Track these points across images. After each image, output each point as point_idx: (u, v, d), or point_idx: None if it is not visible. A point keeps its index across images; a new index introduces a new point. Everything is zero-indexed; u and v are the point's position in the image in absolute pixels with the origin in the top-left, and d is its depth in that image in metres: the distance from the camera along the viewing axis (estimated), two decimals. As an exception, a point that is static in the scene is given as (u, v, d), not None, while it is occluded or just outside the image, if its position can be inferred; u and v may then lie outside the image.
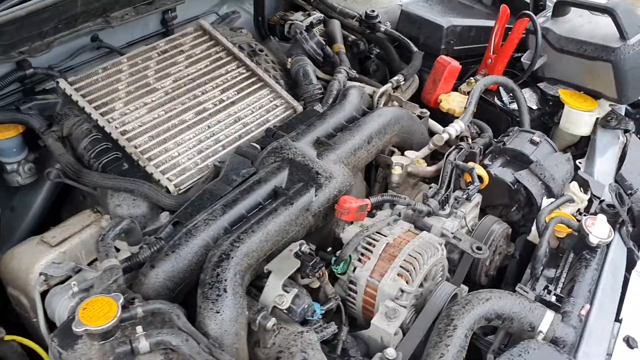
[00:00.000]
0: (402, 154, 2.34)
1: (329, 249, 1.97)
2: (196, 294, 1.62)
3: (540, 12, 2.87)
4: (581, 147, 2.70)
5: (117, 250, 1.77)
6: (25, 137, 2.17)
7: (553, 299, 1.89)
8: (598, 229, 1.98)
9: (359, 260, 1.87)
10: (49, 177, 2.13)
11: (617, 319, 1.92)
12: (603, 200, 2.24)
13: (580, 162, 2.52)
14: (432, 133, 2.50)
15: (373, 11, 2.96)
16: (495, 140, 2.47)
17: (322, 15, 2.99)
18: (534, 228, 2.13)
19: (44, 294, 1.80)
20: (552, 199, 2.19)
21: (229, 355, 1.48)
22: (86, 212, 2.04)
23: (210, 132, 2.24)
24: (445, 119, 2.59)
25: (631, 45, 2.48)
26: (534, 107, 2.81)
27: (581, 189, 2.30)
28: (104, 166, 2.03)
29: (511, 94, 2.76)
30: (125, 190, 1.93)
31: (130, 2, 2.36)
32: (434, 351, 1.63)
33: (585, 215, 2.09)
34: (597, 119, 2.65)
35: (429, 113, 2.55)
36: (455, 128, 2.40)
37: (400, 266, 1.81)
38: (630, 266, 2.13)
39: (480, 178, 2.20)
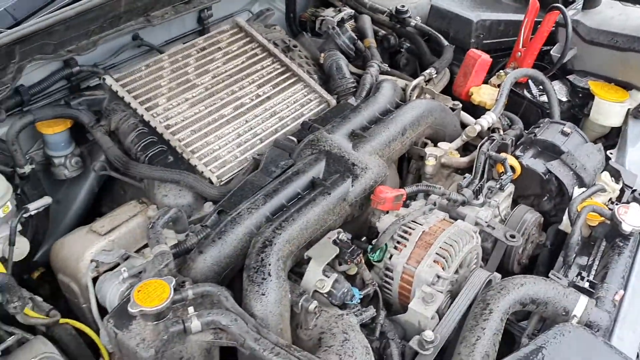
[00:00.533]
0: (436, 146, 2.39)
1: (364, 238, 2.04)
2: (240, 280, 1.71)
3: (570, 5, 2.90)
4: (612, 138, 2.73)
5: (164, 238, 1.85)
6: (72, 132, 2.26)
7: (586, 285, 1.93)
8: (631, 217, 2.01)
9: (395, 248, 1.92)
10: (95, 170, 2.24)
11: (652, 305, 1.95)
12: (635, 190, 2.27)
13: (611, 153, 2.55)
14: (464, 125, 2.54)
15: (403, 6, 3.01)
16: (526, 132, 2.50)
17: (353, 11, 3.05)
18: (565, 217, 2.17)
19: (94, 281, 1.89)
20: (584, 189, 2.22)
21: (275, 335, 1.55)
22: (132, 203, 2.13)
23: (248, 127, 2.32)
24: (477, 111, 2.63)
25: (665, 35, 2.50)
26: (564, 99, 2.83)
27: (613, 178, 2.32)
28: (151, 159, 2.12)
29: (541, 87, 2.79)
30: (172, 181, 2.03)
31: (170, 1, 2.45)
32: (470, 334, 1.68)
33: (617, 204, 2.12)
34: (629, 109, 2.67)
35: (461, 105, 2.59)
36: (487, 120, 2.44)
37: (437, 253, 1.86)
38: (664, 253, 2.15)
39: (512, 168, 2.24)
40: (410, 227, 1.95)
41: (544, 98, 2.75)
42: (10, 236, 1.89)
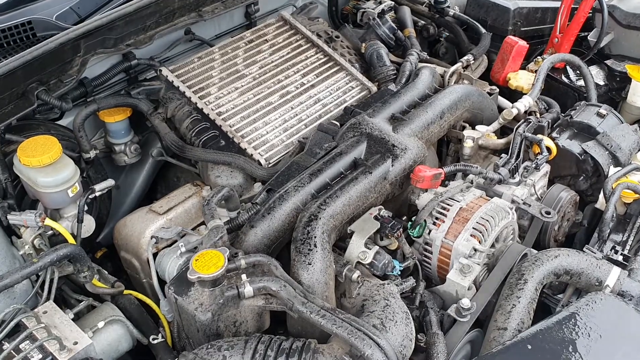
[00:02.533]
0: (473, 129, 2.47)
1: (404, 218, 2.14)
2: (287, 253, 1.84)
3: (606, -9, 2.93)
4: (650, 121, 2.76)
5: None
6: (130, 121, 2.42)
7: (620, 258, 1.99)
8: (665, 193, 2.06)
9: (434, 223, 2.02)
10: (153, 155, 2.40)
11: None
12: (671, 169, 2.30)
13: (648, 134, 2.58)
14: (501, 109, 2.59)
15: (442, -4, 3.10)
16: (563, 114, 2.55)
17: (393, 2, 3.14)
18: (601, 196, 2.22)
19: (154, 256, 2.02)
20: (619, 168, 2.27)
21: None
22: (187, 186, 2.28)
23: (293, 113, 2.45)
24: (514, 96, 2.68)
25: (701, 18, 2.53)
26: (601, 83, 2.87)
27: (649, 158, 2.37)
28: (204, 143, 2.27)
29: (578, 71, 2.83)
30: (224, 163, 2.18)
31: (220, -4, 2.60)
32: (506, 302, 1.77)
33: (652, 182, 2.17)
34: (666, 91, 2.70)
35: (498, 90, 2.66)
36: (524, 103, 2.50)
37: (473, 228, 1.95)
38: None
39: (548, 149, 2.30)
40: (448, 204, 2.05)
41: (581, 82, 2.80)
42: (79, 214, 2.03)
